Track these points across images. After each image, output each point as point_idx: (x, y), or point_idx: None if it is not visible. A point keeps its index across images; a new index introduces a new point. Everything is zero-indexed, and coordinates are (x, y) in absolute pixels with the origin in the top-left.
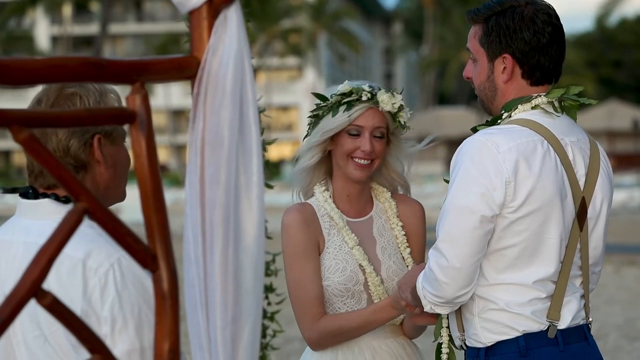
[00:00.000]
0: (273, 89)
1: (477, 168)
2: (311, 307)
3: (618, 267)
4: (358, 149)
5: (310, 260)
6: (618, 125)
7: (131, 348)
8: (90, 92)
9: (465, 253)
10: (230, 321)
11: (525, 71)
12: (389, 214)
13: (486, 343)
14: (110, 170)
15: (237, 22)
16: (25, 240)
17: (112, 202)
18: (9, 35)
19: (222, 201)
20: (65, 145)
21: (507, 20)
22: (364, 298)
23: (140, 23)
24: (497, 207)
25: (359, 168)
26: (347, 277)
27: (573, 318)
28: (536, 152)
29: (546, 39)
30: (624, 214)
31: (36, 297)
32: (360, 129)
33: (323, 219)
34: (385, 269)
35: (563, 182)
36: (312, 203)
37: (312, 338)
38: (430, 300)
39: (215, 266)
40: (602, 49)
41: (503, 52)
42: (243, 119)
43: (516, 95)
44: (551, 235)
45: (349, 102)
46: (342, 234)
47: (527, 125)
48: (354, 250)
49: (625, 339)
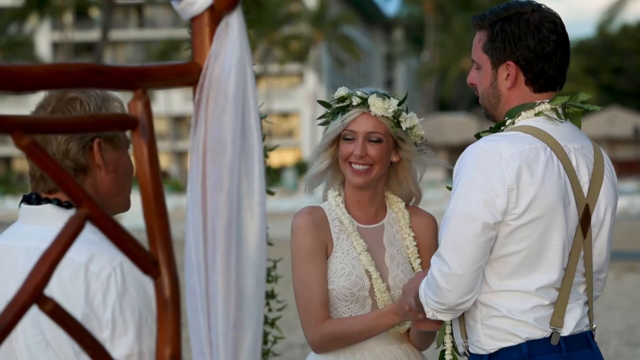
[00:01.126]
0: (274, 96)
1: (479, 175)
2: (316, 310)
3: (619, 274)
4: (352, 154)
5: (318, 263)
6: (619, 132)
7: (130, 352)
8: (91, 97)
9: (468, 260)
10: (231, 327)
11: (529, 78)
12: (401, 223)
13: (489, 350)
14: (111, 175)
15: (239, 29)
16: (26, 246)
17: (116, 210)
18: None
19: (224, 207)
20: (65, 149)
21: (513, 27)
22: (368, 304)
23: (141, 29)
24: (499, 214)
25: (356, 174)
26: (353, 282)
27: (576, 325)
28: (539, 159)
29: (551, 47)
30: (625, 220)
31: (38, 303)
32: (354, 133)
33: (333, 223)
34: (392, 277)
35: (566, 189)
36: (324, 207)
37: (314, 341)
38: (432, 307)
39: (217, 272)
40: (603, 55)
41: (507, 59)
42: (245, 125)
43: (519, 102)
44: (554, 242)
45: (342, 107)
46: (351, 239)
47: (530, 132)
48: (361, 255)
49: (626, 346)
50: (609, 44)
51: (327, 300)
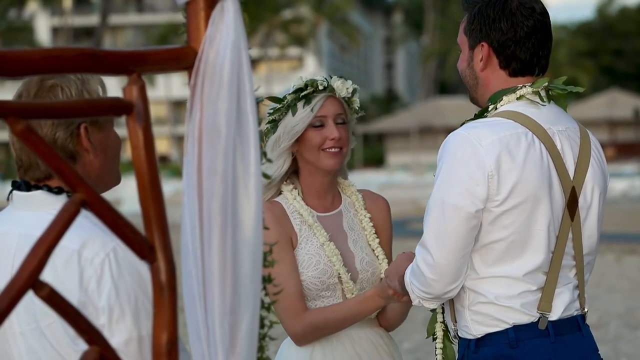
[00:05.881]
0: (274, 80)
1: (459, 163)
2: (293, 303)
3: (619, 256)
4: (327, 139)
5: (286, 256)
6: (619, 114)
7: (129, 337)
8: (71, 82)
9: (451, 249)
10: (228, 312)
11: (502, 61)
12: (357, 207)
13: (476, 335)
14: (100, 157)
15: (234, 13)
16: (19, 232)
17: (108, 186)
18: (9, 27)
19: (219, 191)
20: (52, 138)
21: (489, 10)
22: (339, 289)
23: (141, 14)
24: (480, 202)
25: (332, 156)
26: (321, 270)
27: (565, 309)
28: (520, 144)
29: (524, 31)
30: (625, 202)
31: (34, 289)
32: (324, 119)
33: (293, 216)
34: (359, 260)
35: (549, 172)
36: (280, 201)
37: (297, 333)
38: (418, 295)
39: (213, 257)
40: (603, 37)
41: (482, 40)
42: (240, 110)
43: (498, 86)
44: (539, 226)
45: (306, 95)
46: (313, 230)
47: (512, 117)
48: (325, 245)
49: (626, 328)
50: (609, 26)
51: (302, 292)
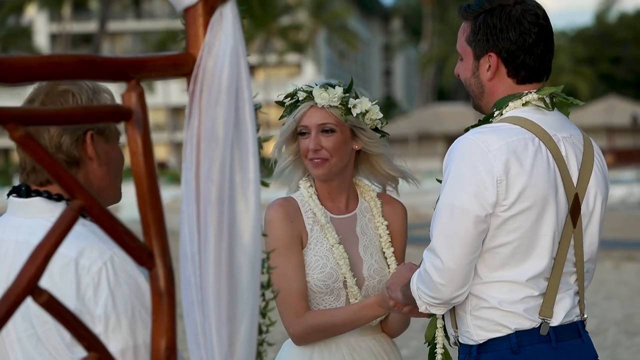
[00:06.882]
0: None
1: (468, 168)
2: (295, 302)
3: (617, 263)
4: (308, 149)
5: (294, 255)
6: (617, 121)
7: (125, 346)
8: (83, 89)
9: (460, 254)
10: (225, 319)
11: (511, 70)
12: (373, 212)
13: (478, 340)
14: (103, 167)
15: (233, 20)
16: (16, 239)
17: (108, 202)
18: (8, 33)
19: (214, 198)
20: (58, 142)
21: (495, 20)
22: (343, 295)
23: (139, 20)
24: (489, 207)
25: (315, 166)
26: (327, 274)
27: (566, 315)
28: (527, 149)
29: (532, 39)
30: (624, 209)
31: (32, 295)
32: (307, 128)
33: (307, 215)
34: (367, 267)
35: (555, 178)
36: (297, 198)
37: (296, 333)
38: (425, 301)
39: (209, 264)
40: (601, 44)
41: (489, 50)
42: (239, 116)
43: (505, 93)
44: (545, 232)
45: (292, 104)
46: (324, 231)
47: (518, 122)
48: (334, 248)
49: (625, 335)
50: (607, 33)
51: (306, 292)
